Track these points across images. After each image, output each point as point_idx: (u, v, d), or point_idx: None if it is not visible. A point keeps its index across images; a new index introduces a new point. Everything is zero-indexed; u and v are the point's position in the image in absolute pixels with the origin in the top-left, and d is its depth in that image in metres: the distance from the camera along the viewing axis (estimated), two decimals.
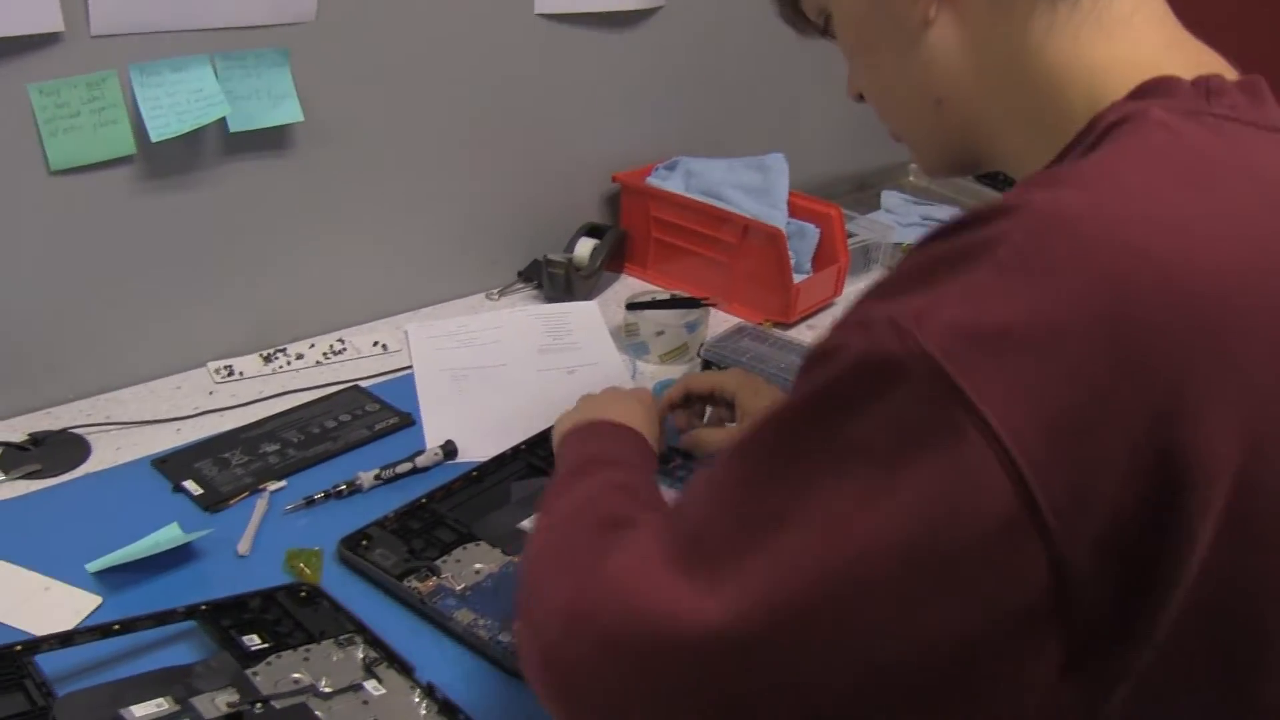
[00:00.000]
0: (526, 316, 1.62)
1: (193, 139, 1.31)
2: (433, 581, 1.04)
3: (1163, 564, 0.52)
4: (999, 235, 0.55)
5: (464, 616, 1.00)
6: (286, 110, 1.37)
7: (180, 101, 1.27)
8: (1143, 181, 0.56)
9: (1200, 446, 0.51)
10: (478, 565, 1.07)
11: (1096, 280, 0.52)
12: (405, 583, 1.03)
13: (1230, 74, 0.67)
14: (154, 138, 1.25)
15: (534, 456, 1.25)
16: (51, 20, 1.15)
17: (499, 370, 1.48)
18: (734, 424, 1.22)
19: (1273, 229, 0.56)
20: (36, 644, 0.88)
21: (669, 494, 1.18)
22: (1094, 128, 0.64)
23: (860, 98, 0.83)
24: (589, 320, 1.61)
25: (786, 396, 0.61)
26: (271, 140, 1.39)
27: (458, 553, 1.08)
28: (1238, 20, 1.92)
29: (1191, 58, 0.67)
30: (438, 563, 1.06)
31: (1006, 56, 0.70)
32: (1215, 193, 0.57)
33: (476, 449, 1.26)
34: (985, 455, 0.50)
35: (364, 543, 1.08)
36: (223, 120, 1.31)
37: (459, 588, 1.03)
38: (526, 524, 1.13)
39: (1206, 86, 0.63)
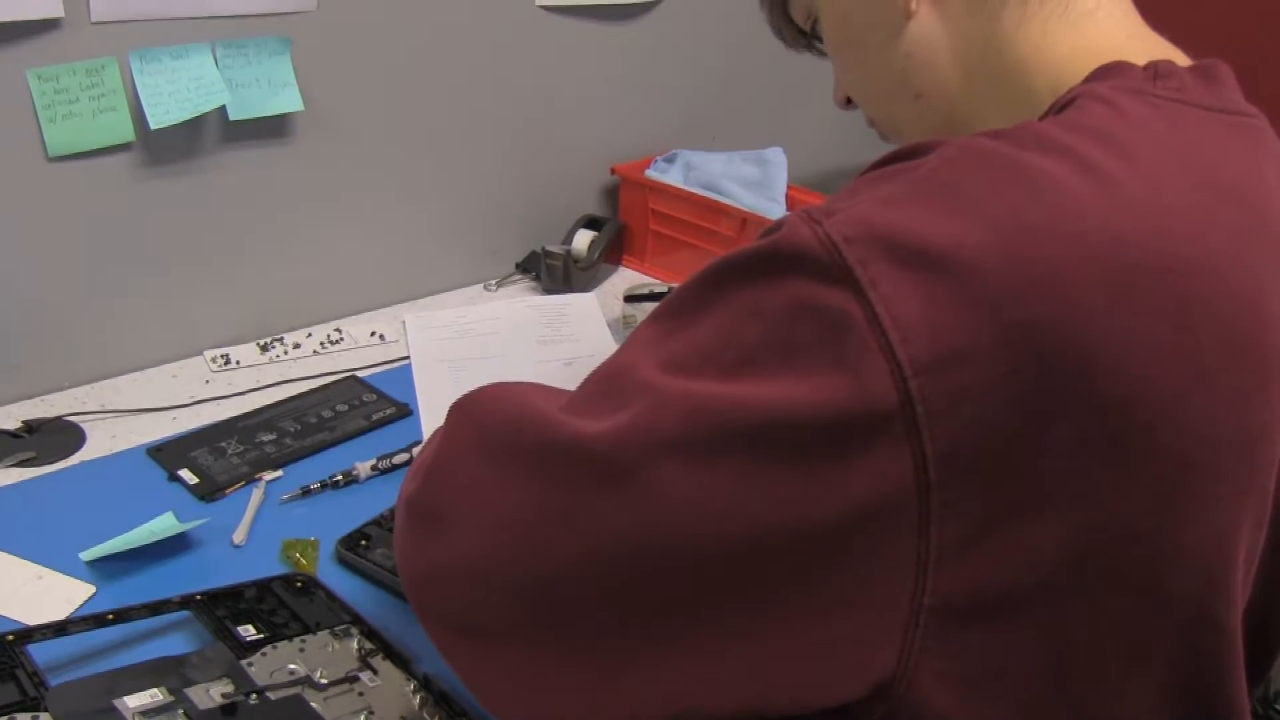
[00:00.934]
0: (524, 308, 1.61)
1: (192, 127, 1.30)
2: None
3: (1030, 489, 0.53)
4: (921, 161, 0.58)
5: None
6: (286, 99, 1.36)
7: (180, 89, 1.27)
8: (1067, 139, 0.58)
9: (1082, 384, 0.52)
10: None
11: (999, 211, 0.54)
12: None
13: (1185, 62, 0.69)
14: (153, 125, 1.25)
15: None
16: (52, 6, 1.15)
17: (497, 361, 1.47)
18: None
19: (1193, 202, 0.57)
20: (29, 633, 0.88)
21: None
22: (1050, 111, 0.66)
23: (848, 103, 0.85)
24: (587, 312, 1.61)
25: None
26: (271, 129, 1.38)
27: None
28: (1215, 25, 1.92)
29: (1150, 48, 0.69)
30: None
31: (981, 49, 0.72)
32: (1139, 161, 0.58)
33: None
34: (868, 343, 0.52)
35: (363, 543, 1.08)
36: (222, 108, 1.31)
37: None
38: None
39: (1155, 70, 0.65)
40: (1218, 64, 0.68)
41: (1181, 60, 0.69)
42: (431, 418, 1.32)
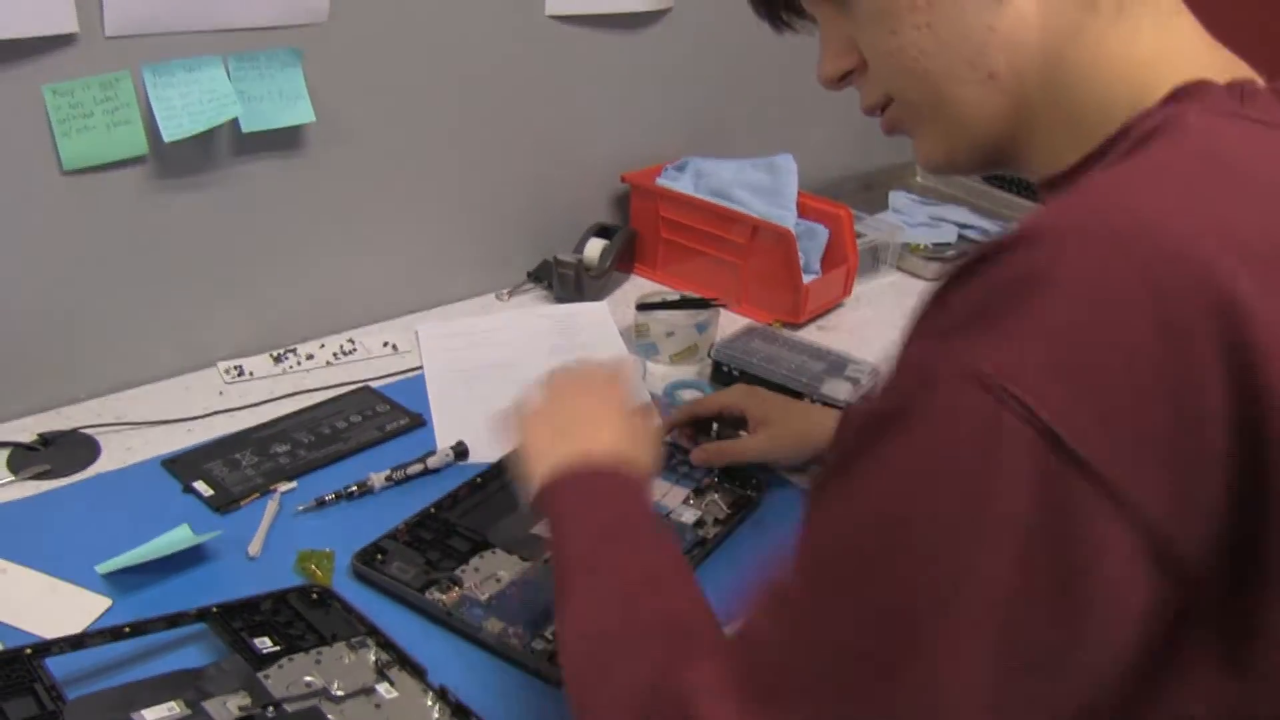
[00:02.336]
0: (536, 317, 1.62)
1: (205, 139, 1.31)
2: (456, 592, 1.03)
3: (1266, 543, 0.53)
4: (1055, 261, 0.53)
5: (493, 626, 0.99)
6: (298, 111, 1.37)
7: (193, 102, 1.27)
8: (1183, 190, 0.56)
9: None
10: (499, 573, 1.06)
11: (1161, 302, 0.52)
12: (427, 594, 1.03)
13: (1260, 81, 0.67)
14: (167, 138, 1.25)
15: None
16: (66, 21, 1.15)
17: (509, 371, 1.48)
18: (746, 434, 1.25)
19: None
20: (47, 647, 0.88)
21: (665, 486, 1.19)
22: (1128, 134, 0.64)
23: (843, 80, 0.78)
24: (599, 321, 1.61)
25: (836, 461, 0.60)
26: (283, 141, 1.39)
27: (475, 561, 1.08)
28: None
29: (1228, 59, 0.68)
30: (458, 572, 1.06)
31: (1072, 38, 0.68)
32: (1250, 197, 0.57)
33: (488, 450, 1.25)
34: (1124, 537, 0.52)
35: (379, 556, 1.07)
36: (235, 120, 1.31)
37: (484, 597, 1.03)
38: (540, 528, 1.13)
39: (1241, 90, 0.63)
40: None
41: (1253, 76, 0.68)
42: (445, 427, 1.33)
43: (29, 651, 0.87)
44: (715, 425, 1.28)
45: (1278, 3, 2.14)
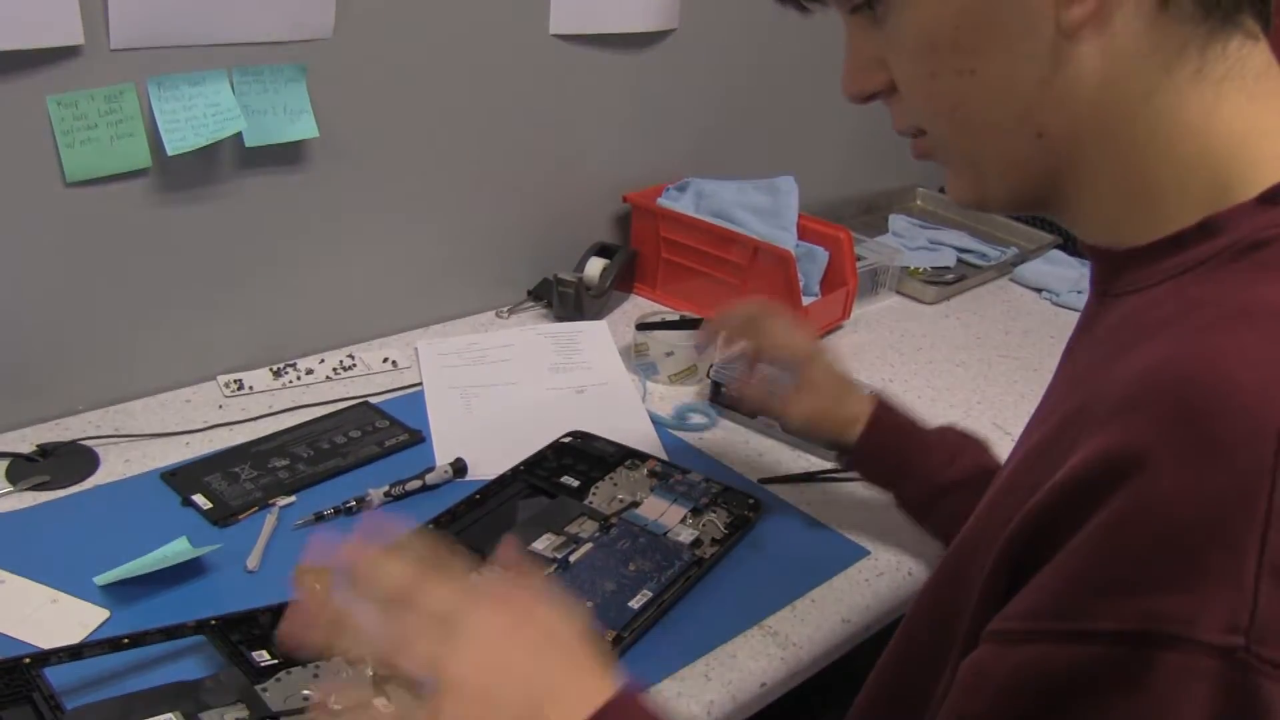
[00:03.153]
0: (536, 335, 1.62)
1: (208, 153, 1.31)
2: None
3: None
4: (1249, 495, 0.49)
5: None
6: (302, 126, 1.37)
7: (197, 115, 1.28)
8: None
9: None
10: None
11: None
12: None
13: None
14: (170, 151, 1.26)
15: (534, 476, 1.25)
16: (72, 33, 1.16)
17: (509, 389, 1.48)
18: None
19: None
20: (45, 657, 0.88)
21: (663, 505, 1.19)
22: (1219, 231, 0.59)
23: (870, 98, 0.71)
24: (599, 339, 1.61)
25: None
26: (286, 155, 1.39)
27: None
28: None
29: None
30: None
31: (1141, 97, 0.61)
32: None
33: (486, 467, 1.26)
34: None
35: None
36: (238, 135, 1.32)
37: None
38: (538, 545, 1.13)
39: None
40: None
41: None
42: (444, 444, 1.33)
43: (27, 661, 0.87)
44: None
45: None
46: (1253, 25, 0.61)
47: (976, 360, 1.68)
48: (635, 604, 1.05)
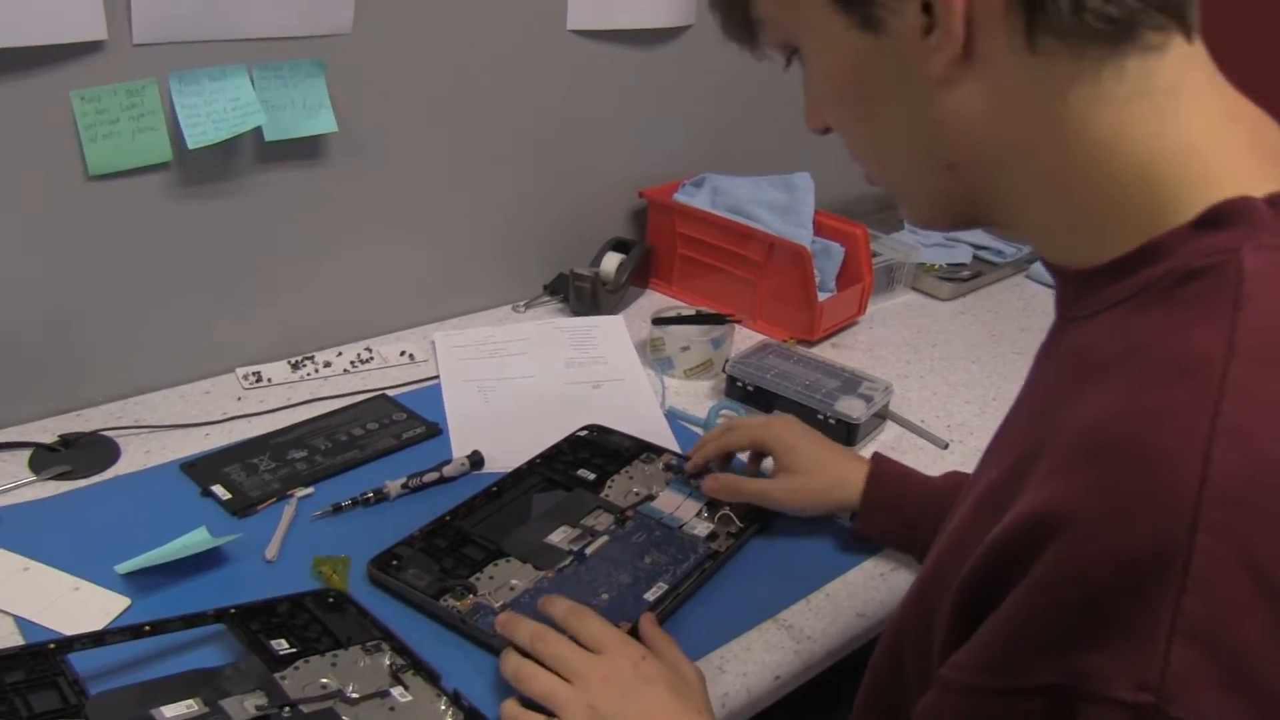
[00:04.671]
0: (553, 329, 1.62)
1: (228, 147, 1.32)
2: (470, 599, 1.04)
3: None
4: (1165, 558, 0.50)
5: None
6: (321, 121, 1.38)
7: (217, 110, 1.29)
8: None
9: None
10: (513, 581, 1.07)
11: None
12: (442, 601, 1.03)
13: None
14: (190, 145, 1.27)
15: (550, 470, 1.26)
16: (95, 29, 1.17)
17: (525, 382, 1.49)
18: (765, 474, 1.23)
19: None
20: (69, 643, 0.89)
21: (678, 498, 1.19)
22: (1155, 256, 0.59)
23: (828, 130, 0.75)
24: (615, 334, 1.62)
25: None
26: (305, 150, 1.40)
27: (490, 569, 1.09)
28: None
29: (1250, 133, 0.61)
30: (472, 580, 1.07)
31: (1040, 127, 0.62)
32: None
33: (504, 460, 1.26)
34: None
35: (394, 563, 1.08)
36: (258, 129, 1.33)
37: (498, 605, 1.03)
38: (554, 538, 1.14)
39: None
40: None
41: (1272, 131, 0.62)
42: (461, 437, 1.34)
43: (52, 646, 0.88)
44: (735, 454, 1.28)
45: None
46: (1155, 38, 0.59)
47: (992, 357, 1.68)
48: (650, 596, 1.06)
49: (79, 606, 1.00)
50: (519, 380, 1.49)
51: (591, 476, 1.25)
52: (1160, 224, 0.59)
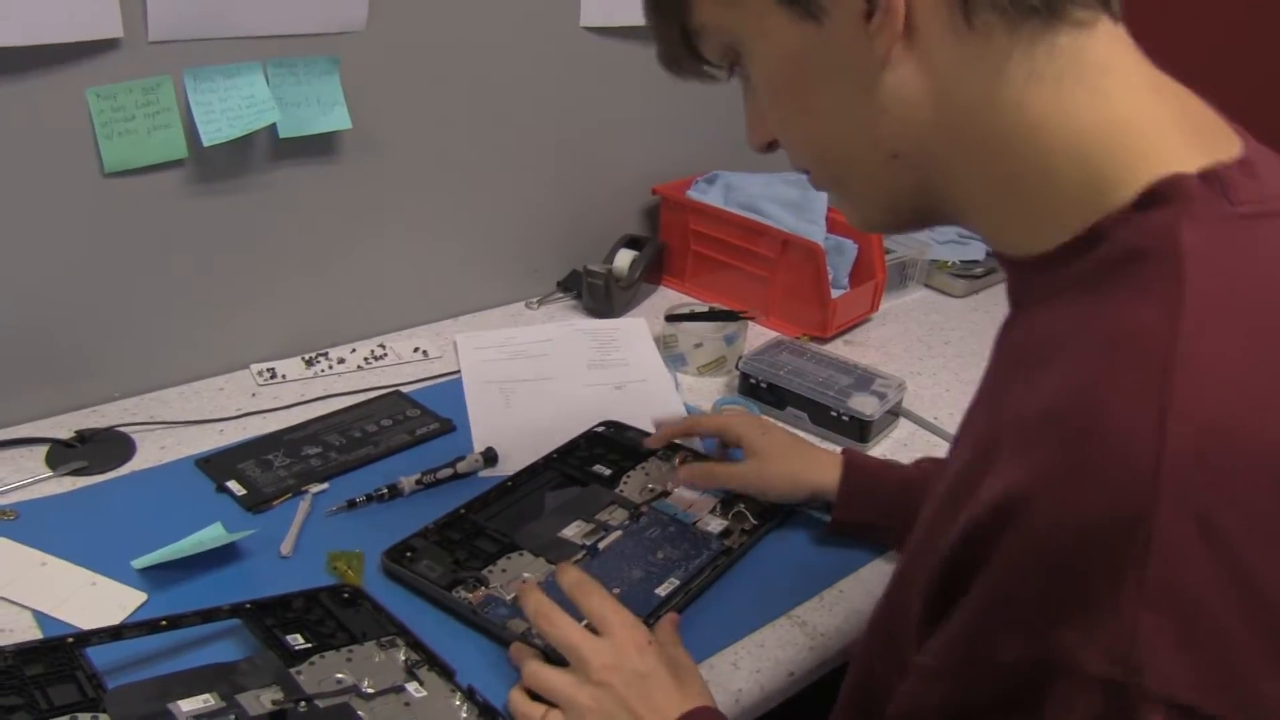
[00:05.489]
0: (574, 331, 1.63)
1: (243, 144, 1.33)
2: (481, 592, 1.04)
3: None
4: (1127, 530, 0.50)
5: (517, 625, 1.00)
6: (335, 118, 1.39)
7: (232, 107, 1.29)
8: (1243, 376, 0.53)
9: None
10: (525, 574, 1.07)
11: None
12: (454, 593, 1.04)
13: (1207, 117, 0.64)
14: (205, 142, 1.27)
15: (566, 465, 1.26)
16: (111, 26, 1.17)
17: (547, 384, 1.49)
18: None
19: None
20: (87, 637, 0.90)
21: (692, 495, 1.19)
22: (1099, 238, 0.60)
23: (770, 146, 0.76)
24: (637, 336, 1.62)
25: None
26: (320, 147, 1.41)
27: (503, 562, 1.09)
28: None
29: (1175, 106, 0.63)
30: (484, 573, 1.07)
31: (977, 108, 0.63)
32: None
33: (525, 461, 1.26)
34: None
35: (408, 554, 1.09)
36: (272, 126, 1.33)
37: (509, 597, 1.04)
38: (568, 532, 1.14)
39: (1219, 180, 0.58)
40: (1249, 145, 0.62)
41: (1200, 110, 0.64)
42: (483, 438, 1.34)
43: (70, 641, 0.89)
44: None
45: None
46: (1084, 15, 0.61)
47: None
48: (662, 591, 1.06)
49: (96, 601, 1.01)
50: (541, 382, 1.49)
51: (608, 472, 1.25)
52: (1099, 206, 0.60)
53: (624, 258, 1.71)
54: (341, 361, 1.48)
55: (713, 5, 0.70)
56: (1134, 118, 0.61)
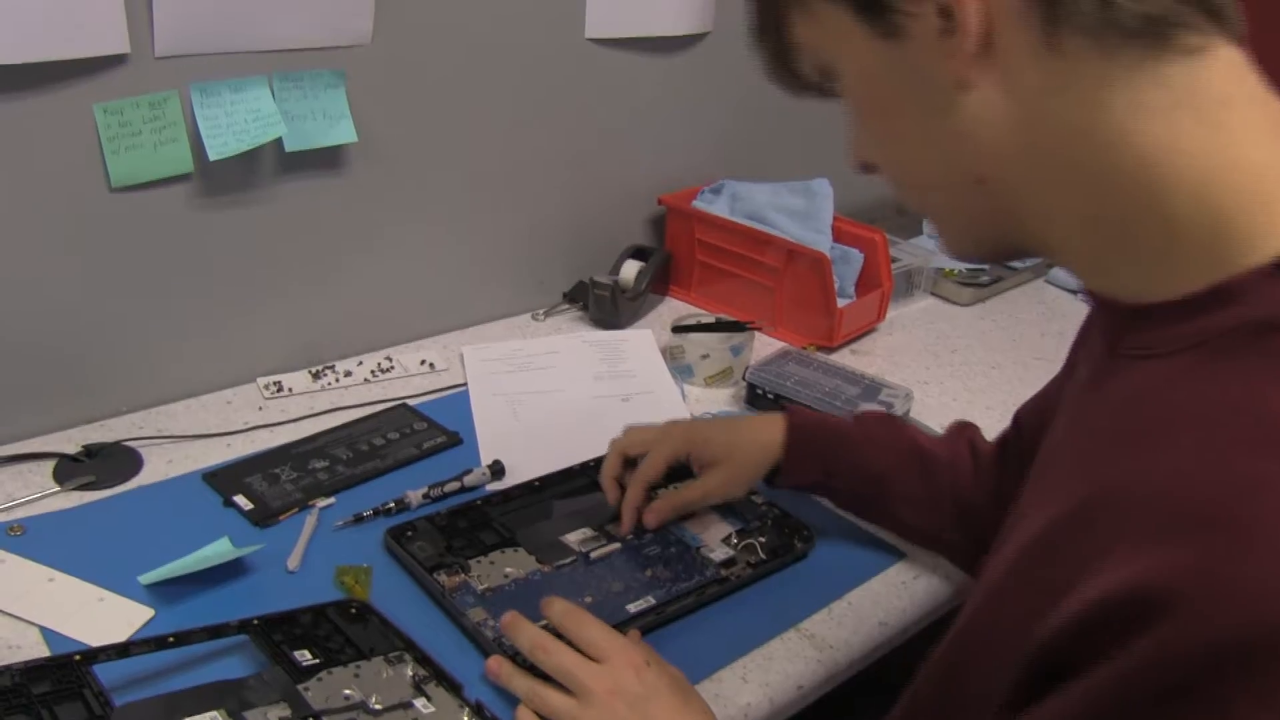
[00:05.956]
0: (581, 343, 1.62)
1: (249, 158, 1.33)
2: (459, 577, 1.07)
3: None
4: (1266, 645, 0.48)
5: (476, 614, 1.02)
6: (341, 131, 1.39)
7: (238, 121, 1.29)
8: None
9: None
10: (508, 569, 1.09)
11: None
12: (435, 575, 1.06)
13: None
14: (212, 156, 1.27)
15: (598, 474, 1.26)
16: (118, 42, 1.17)
17: (554, 396, 1.49)
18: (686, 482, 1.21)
19: None
20: (94, 654, 0.89)
21: (709, 519, 1.19)
22: (1229, 299, 0.56)
23: (867, 167, 0.74)
24: (643, 347, 1.62)
25: None
26: (326, 160, 1.41)
27: (494, 555, 1.11)
28: None
29: None
30: (469, 561, 1.09)
31: (1072, 137, 0.59)
32: None
33: (532, 473, 1.26)
34: None
35: (408, 533, 1.12)
36: (279, 140, 1.33)
37: (480, 588, 1.06)
38: (569, 537, 1.15)
39: None
40: None
41: None
42: (490, 450, 1.34)
43: (78, 658, 0.89)
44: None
45: None
46: (1195, 40, 0.57)
47: (1012, 362, 1.68)
48: (633, 608, 1.05)
49: (104, 617, 1.01)
50: (548, 394, 1.49)
51: None
52: (1228, 261, 0.56)
53: (630, 268, 1.71)
54: (348, 374, 1.48)
55: (803, 25, 0.69)
56: (1263, 162, 0.56)
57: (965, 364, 1.67)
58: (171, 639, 0.93)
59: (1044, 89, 0.59)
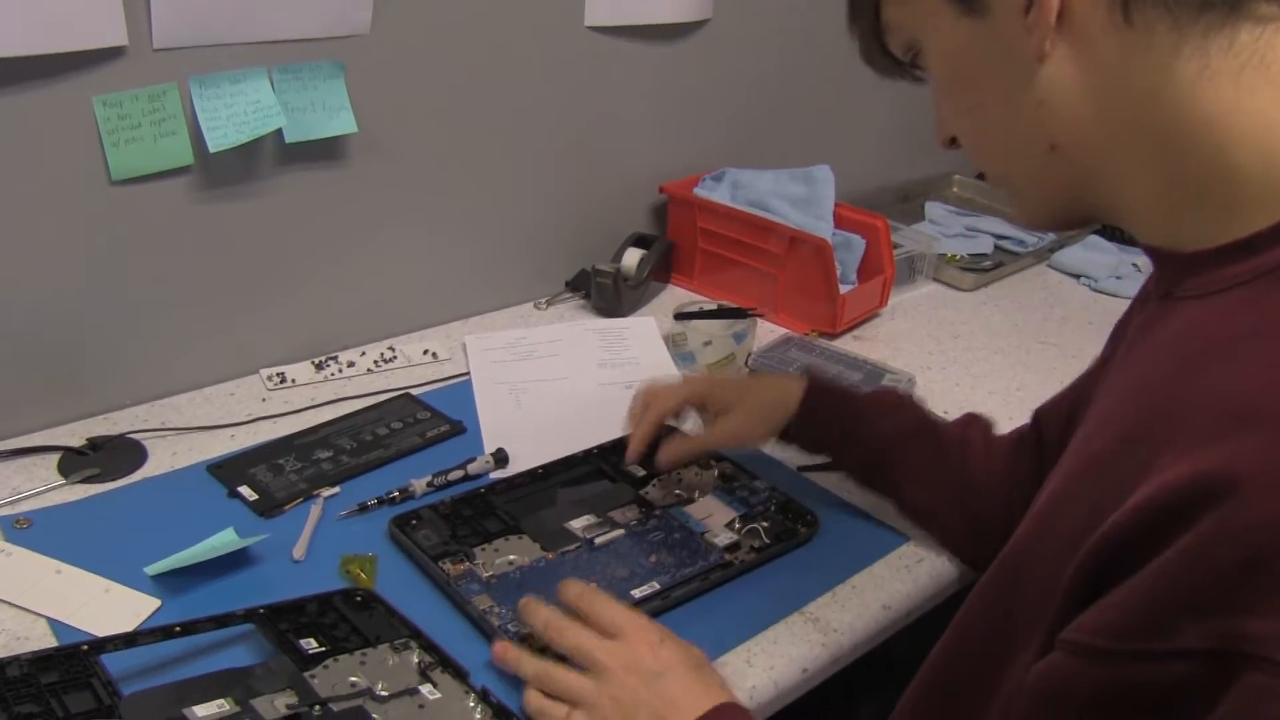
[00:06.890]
0: (584, 331, 1.62)
1: (249, 150, 1.33)
2: (464, 565, 1.07)
3: None
4: None
5: (481, 602, 1.02)
6: (341, 122, 1.39)
7: (238, 113, 1.29)
8: None
9: None
10: (511, 557, 1.09)
11: None
12: (439, 563, 1.06)
13: None
14: (212, 148, 1.28)
15: (604, 461, 1.26)
16: (116, 34, 1.17)
17: (558, 384, 1.49)
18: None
19: None
20: (102, 644, 0.90)
21: (714, 504, 1.19)
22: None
23: (952, 142, 0.77)
24: (646, 335, 1.62)
25: None
26: (326, 151, 1.41)
27: (498, 543, 1.11)
28: None
29: None
30: (474, 549, 1.10)
31: (1142, 102, 0.63)
32: None
33: (535, 462, 1.26)
34: None
35: (413, 522, 1.12)
36: (278, 131, 1.33)
37: (485, 575, 1.06)
38: (574, 524, 1.15)
39: None
40: None
41: None
42: (493, 439, 1.34)
43: (85, 648, 0.89)
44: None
45: None
46: (1269, 9, 0.59)
47: (1015, 347, 1.68)
48: (638, 594, 1.05)
49: (110, 608, 1.01)
50: (551, 382, 1.49)
51: (641, 473, 1.24)
52: None
53: (632, 256, 1.71)
54: (351, 365, 1.49)
55: (894, 5, 0.74)
56: None
57: (968, 349, 1.67)
58: (178, 628, 0.93)
59: (1117, 60, 0.63)
